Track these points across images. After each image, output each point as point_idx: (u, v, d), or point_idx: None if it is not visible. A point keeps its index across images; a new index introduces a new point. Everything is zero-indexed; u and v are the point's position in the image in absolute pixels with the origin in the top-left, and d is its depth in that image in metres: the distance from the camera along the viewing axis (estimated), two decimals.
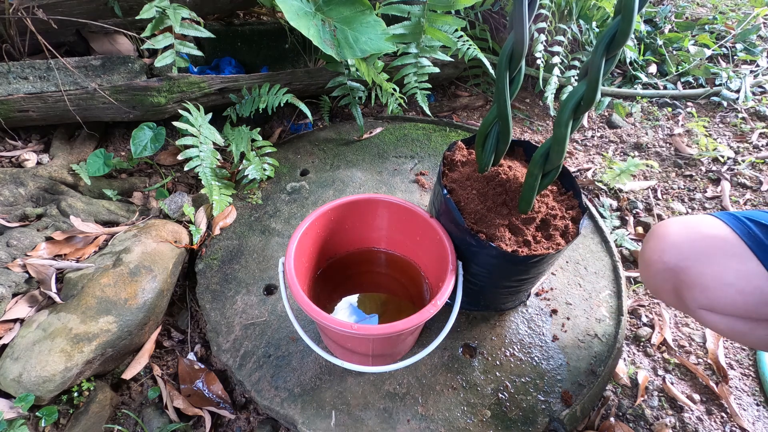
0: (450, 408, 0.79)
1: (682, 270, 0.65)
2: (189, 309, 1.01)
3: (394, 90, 1.32)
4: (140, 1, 1.10)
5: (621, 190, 1.36)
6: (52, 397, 0.79)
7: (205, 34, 1.16)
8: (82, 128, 1.23)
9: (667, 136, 1.56)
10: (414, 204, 0.83)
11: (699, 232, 0.66)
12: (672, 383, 0.93)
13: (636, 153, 1.51)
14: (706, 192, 1.37)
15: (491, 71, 1.42)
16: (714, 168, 1.44)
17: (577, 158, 1.50)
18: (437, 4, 1.16)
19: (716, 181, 1.40)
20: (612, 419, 0.85)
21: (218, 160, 1.13)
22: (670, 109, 1.68)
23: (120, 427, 0.82)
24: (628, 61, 1.83)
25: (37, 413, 0.78)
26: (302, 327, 0.74)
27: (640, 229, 1.25)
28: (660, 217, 1.29)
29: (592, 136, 1.59)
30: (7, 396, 0.78)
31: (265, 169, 1.21)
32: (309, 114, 1.23)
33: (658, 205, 1.33)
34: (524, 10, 0.59)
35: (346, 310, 0.86)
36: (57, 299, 0.87)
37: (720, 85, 1.76)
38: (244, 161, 1.18)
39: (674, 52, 1.90)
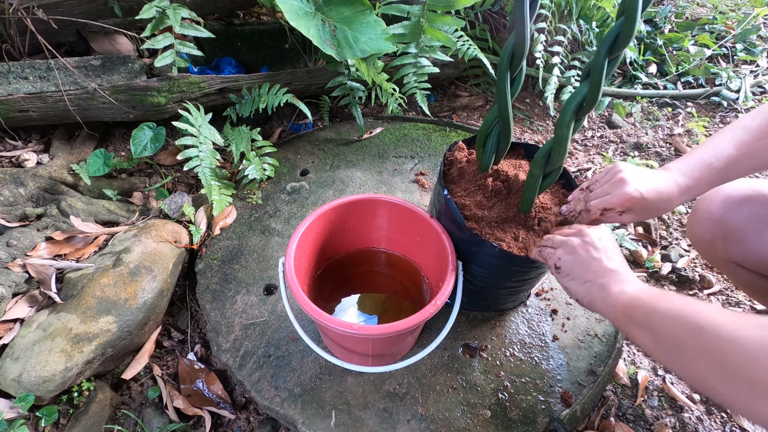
0: (450, 408, 0.79)
1: (725, 222, 0.71)
2: (189, 309, 1.01)
3: (394, 90, 1.32)
4: (140, 1, 1.10)
5: None
6: (52, 397, 0.79)
7: (205, 34, 1.16)
8: (82, 128, 1.23)
9: (667, 136, 1.56)
10: (414, 204, 0.83)
11: (754, 190, 0.72)
12: (672, 383, 0.93)
13: (636, 153, 1.51)
14: None
15: (491, 71, 1.42)
16: None
17: (577, 158, 1.50)
18: (437, 4, 1.16)
19: None
20: (612, 419, 0.85)
21: (218, 160, 1.13)
22: (670, 109, 1.68)
23: (120, 427, 0.82)
24: (628, 61, 1.83)
25: (37, 413, 0.78)
26: (302, 327, 0.74)
27: (640, 229, 1.25)
28: (659, 217, 1.29)
29: (592, 136, 1.59)
30: (7, 396, 0.78)
31: (265, 169, 1.21)
32: (309, 114, 1.22)
33: None
34: (526, 10, 0.59)
35: (346, 310, 0.86)
36: (57, 299, 0.87)
37: (720, 85, 1.76)
38: (244, 161, 1.18)
39: (674, 52, 1.91)
